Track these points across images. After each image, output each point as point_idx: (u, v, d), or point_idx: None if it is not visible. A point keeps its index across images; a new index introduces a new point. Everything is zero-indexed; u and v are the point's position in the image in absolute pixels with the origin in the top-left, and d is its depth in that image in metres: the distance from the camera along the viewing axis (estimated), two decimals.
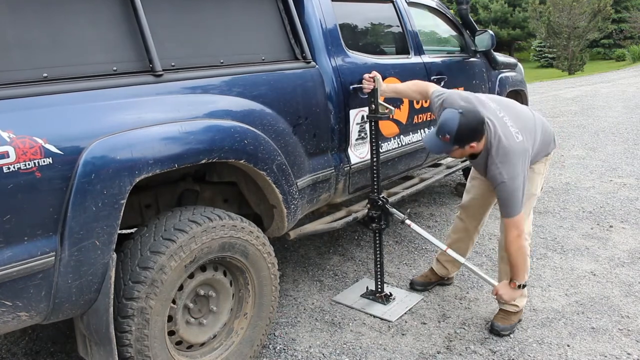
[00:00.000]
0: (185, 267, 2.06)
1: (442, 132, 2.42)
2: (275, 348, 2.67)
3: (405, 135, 3.45)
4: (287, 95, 2.51)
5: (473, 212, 3.02)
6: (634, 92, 11.92)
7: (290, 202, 2.51)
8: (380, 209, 2.94)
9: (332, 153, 2.85)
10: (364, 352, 2.62)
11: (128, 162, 1.81)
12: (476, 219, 3.04)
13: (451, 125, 2.38)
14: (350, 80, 2.91)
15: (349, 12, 3.20)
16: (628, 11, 25.55)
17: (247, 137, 2.22)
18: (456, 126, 2.36)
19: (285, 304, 3.10)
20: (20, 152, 1.57)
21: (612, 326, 2.78)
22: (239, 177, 2.53)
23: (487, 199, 2.97)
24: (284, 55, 2.62)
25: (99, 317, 1.87)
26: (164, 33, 2.11)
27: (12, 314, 1.67)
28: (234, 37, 2.41)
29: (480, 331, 2.77)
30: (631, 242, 3.84)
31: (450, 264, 3.15)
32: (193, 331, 2.26)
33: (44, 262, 1.67)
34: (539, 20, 21.80)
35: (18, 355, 2.66)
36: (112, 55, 1.94)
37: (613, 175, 5.56)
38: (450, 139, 2.41)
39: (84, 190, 1.70)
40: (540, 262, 3.56)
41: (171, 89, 2.06)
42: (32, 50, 1.74)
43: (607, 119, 8.74)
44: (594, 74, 18.33)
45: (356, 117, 2.98)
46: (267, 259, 2.39)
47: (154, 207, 2.56)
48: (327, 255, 3.76)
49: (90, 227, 1.74)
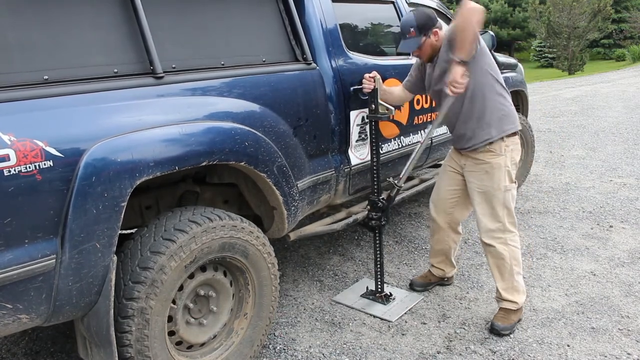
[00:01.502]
0: (185, 268, 2.06)
1: (406, 30, 2.73)
2: (275, 348, 2.68)
3: (406, 136, 3.46)
4: (288, 97, 2.51)
5: (441, 204, 2.98)
6: (634, 92, 11.92)
7: (290, 204, 2.51)
8: (380, 211, 2.95)
9: (332, 154, 2.86)
10: (364, 352, 2.63)
11: (129, 164, 1.81)
12: (446, 213, 2.97)
13: (410, 20, 2.72)
14: (350, 82, 2.91)
15: (349, 13, 3.20)
16: (628, 11, 25.55)
17: (248, 139, 2.22)
18: (414, 17, 2.71)
19: (285, 304, 3.10)
20: (20, 155, 1.57)
21: (612, 326, 2.78)
22: (240, 178, 2.53)
23: (455, 189, 2.90)
24: (285, 57, 2.63)
25: (100, 319, 1.87)
26: (164, 35, 2.11)
27: (12, 316, 1.68)
28: (235, 39, 2.41)
29: (480, 331, 2.78)
30: (631, 242, 3.85)
31: (443, 264, 3.16)
32: (193, 331, 2.26)
33: (45, 265, 1.67)
34: (539, 20, 21.80)
35: (18, 355, 2.67)
36: (112, 58, 1.95)
37: (613, 175, 5.56)
38: (415, 31, 2.70)
39: (84, 193, 1.70)
40: (540, 262, 3.56)
41: (172, 91, 2.06)
42: (32, 53, 1.74)
43: (607, 119, 8.74)
44: (594, 74, 18.33)
45: (356, 119, 2.98)
46: (267, 259, 2.39)
47: (155, 208, 2.57)
48: (327, 255, 3.76)
49: (91, 230, 1.74)
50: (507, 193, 2.69)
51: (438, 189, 3.01)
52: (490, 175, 2.67)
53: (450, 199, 2.95)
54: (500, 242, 2.71)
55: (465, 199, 2.94)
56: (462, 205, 2.97)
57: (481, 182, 2.70)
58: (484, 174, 2.69)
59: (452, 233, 3.06)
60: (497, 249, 2.72)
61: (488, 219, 2.72)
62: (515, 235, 2.77)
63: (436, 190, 3.02)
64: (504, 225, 2.71)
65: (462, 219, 3.05)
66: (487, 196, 2.70)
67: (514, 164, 2.71)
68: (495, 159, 2.65)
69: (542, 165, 6.05)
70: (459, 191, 2.92)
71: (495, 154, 2.65)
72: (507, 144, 2.66)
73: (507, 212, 2.71)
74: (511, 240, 2.74)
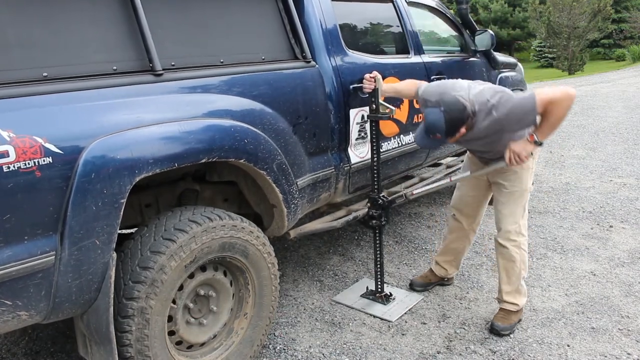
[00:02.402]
0: (185, 267, 2.06)
1: (432, 133, 2.50)
2: (275, 348, 2.67)
3: (406, 135, 3.45)
4: (287, 95, 2.51)
5: (466, 209, 3.01)
6: (634, 92, 11.92)
7: (290, 202, 2.50)
8: (380, 208, 2.94)
9: (332, 152, 2.85)
10: (364, 352, 2.62)
11: (128, 161, 1.81)
12: (470, 216, 3.02)
13: (439, 126, 2.43)
14: (350, 80, 2.91)
15: (348, 11, 3.20)
16: (628, 11, 25.53)
17: (247, 136, 2.21)
18: (443, 124, 2.42)
19: (285, 304, 3.10)
20: (20, 151, 1.56)
21: (612, 326, 2.78)
22: (239, 176, 2.53)
23: (479, 194, 2.94)
24: (284, 55, 2.62)
25: (99, 317, 1.87)
26: (163, 32, 2.11)
27: (12, 313, 1.67)
28: (234, 37, 2.41)
29: (480, 331, 2.77)
30: (631, 242, 3.84)
31: (449, 265, 3.16)
32: (193, 331, 2.25)
33: (44, 262, 1.67)
34: (539, 20, 21.78)
35: (18, 355, 2.66)
36: (112, 55, 1.94)
37: (613, 175, 5.56)
38: (442, 135, 2.48)
39: (84, 190, 1.70)
40: (540, 262, 3.56)
41: (171, 89, 2.06)
42: (32, 50, 1.73)
43: (607, 119, 8.74)
44: (594, 74, 18.32)
45: (356, 117, 2.97)
46: (267, 259, 2.39)
47: (154, 206, 2.56)
48: (327, 255, 3.75)
49: (90, 227, 1.74)
50: (528, 194, 2.74)
51: (463, 196, 3.00)
52: (519, 176, 2.69)
53: (474, 204, 2.99)
54: (514, 245, 2.73)
55: (485, 199, 2.98)
56: (483, 206, 3.03)
57: (510, 182, 2.71)
58: (513, 174, 2.70)
59: (472, 233, 3.10)
60: (510, 252, 2.73)
61: (508, 220, 2.73)
62: (526, 239, 2.80)
63: (460, 197, 3.02)
64: (519, 227, 2.74)
65: (481, 219, 3.10)
66: (514, 197, 2.71)
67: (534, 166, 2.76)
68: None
69: (542, 165, 6.04)
70: (483, 194, 2.95)
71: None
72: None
73: (524, 214, 2.75)
74: (523, 244, 2.76)
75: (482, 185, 2.89)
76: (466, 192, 2.98)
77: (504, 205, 2.74)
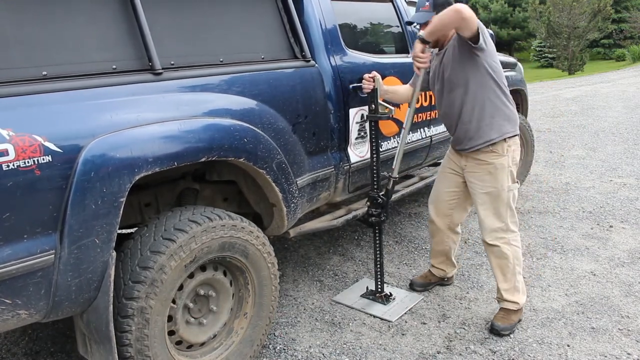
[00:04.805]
0: (185, 267, 2.06)
1: (422, 3, 2.73)
2: (275, 348, 2.67)
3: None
4: (287, 94, 2.51)
5: (441, 205, 2.97)
6: (634, 92, 11.92)
7: (290, 201, 2.50)
8: (380, 207, 2.94)
9: (331, 152, 2.85)
10: (364, 352, 2.62)
11: (128, 160, 1.81)
12: (446, 215, 2.97)
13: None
14: (349, 79, 2.91)
15: (348, 11, 3.20)
16: (628, 11, 25.54)
17: (247, 135, 2.21)
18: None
19: (285, 304, 3.09)
20: (19, 150, 1.56)
21: (612, 326, 2.77)
22: (239, 175, 2.53)
23: (455, 191, 2.90)
24: (284, 54, 2.62)
25: (99, 315, 1.87)
26: (163, 31, 2.11)
27: (11, 312, 1.67)
28: (234, 36, 2.41)
29: (480, 331, 2.77)
30: (631, 242, 3.84)
31: (444, 265, 3.15)
32: (193, 331, 2.25)
33: (44, 260, 1.67)
34: (539, 20, 21.79)
35: (18, 355, 2.66)
36: (111, 54, 1.94)
37: (613, 175, 5.56)
38: (430, 6, 2.67)
39: (83, 189, 1.70)
40: (540, 262, 3.55)
41: (171, 88, 2.06)
42: (31, 49, 1.73)
43: (607, 119, 8.74)
44: (594, 74, 18.32)
45: (356, 116, 2.97)
46: (267, 259, 2.39)
47: (154, 205, 2.56)
48: (327, 255, 3.75)
49: (90, 225, 1.74)
50: (510, 193, 2.68)
51: (437, 191, 2.99)
52: (494, 176, 2.66)
53: (449, 200, 2.94)
54: (504, 242, 2.71)
55: (464, 200, 2.94)
56: (461, 206, 2.97)
57: (484, 183, 2.69)
58: (487, 174, 2.67)
59: (452, 234, 3.05)
60: (500, 249, 2.71)
61: (491, 220, 2.71)
62: (517, 234, 2.76)
63: (435, 193, 3.01)
64: (507, 225, 2.71)
65: (461, 220, 3.05)
66: (491, 197, 2.68)
67: (515, 164, 2.70)
68: (498, 160, 2.64)
69: (542, 165, 6.04)
70: (459, 193, 2.91)
71: (498, 154, 2.63)
72: (509, 144, 2.64)
73: (510, 212, 2.70)
74: (514, 240, 2.73)
75: (459, 182, 2.86)
76: (442, 188, 2.96)
77: (482, 205, 2.72)
